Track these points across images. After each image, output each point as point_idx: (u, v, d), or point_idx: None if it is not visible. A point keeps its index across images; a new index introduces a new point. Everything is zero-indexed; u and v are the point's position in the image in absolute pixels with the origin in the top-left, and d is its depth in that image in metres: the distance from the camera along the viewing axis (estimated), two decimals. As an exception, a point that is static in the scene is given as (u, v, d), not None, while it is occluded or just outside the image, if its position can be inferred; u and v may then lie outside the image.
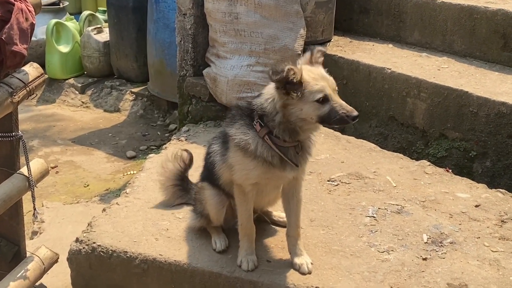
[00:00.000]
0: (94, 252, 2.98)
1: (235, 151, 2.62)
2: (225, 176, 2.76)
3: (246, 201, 2.72)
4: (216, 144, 2.80)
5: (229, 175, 2.72)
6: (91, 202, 4.63)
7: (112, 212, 3.27)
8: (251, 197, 2.72)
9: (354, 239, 3.00)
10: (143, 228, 3.11)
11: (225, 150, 2.71)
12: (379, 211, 3.23)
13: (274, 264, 2.81)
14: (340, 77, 4.59)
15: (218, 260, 2.85)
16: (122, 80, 7.00)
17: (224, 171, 2.75)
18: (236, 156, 2.63)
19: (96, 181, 5.08)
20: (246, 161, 2.59)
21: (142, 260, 2.91)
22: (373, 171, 3.67)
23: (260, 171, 2.59)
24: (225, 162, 2.70)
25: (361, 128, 4.56)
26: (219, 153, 2.74)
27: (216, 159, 2.77)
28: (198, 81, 4.84)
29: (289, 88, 2.42)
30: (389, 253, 2.88)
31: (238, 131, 2.59)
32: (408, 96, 4.24)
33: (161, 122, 6.33)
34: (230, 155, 2.66)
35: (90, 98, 6.87)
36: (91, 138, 5.95)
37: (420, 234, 3.03)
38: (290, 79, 2.40)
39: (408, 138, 4.31)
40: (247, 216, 2.76)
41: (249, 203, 2.74)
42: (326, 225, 3.12)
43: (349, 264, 2.81)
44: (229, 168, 2.69)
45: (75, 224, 4.15)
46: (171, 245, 2.97)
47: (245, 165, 2.60)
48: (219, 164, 2.75)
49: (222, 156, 2.72)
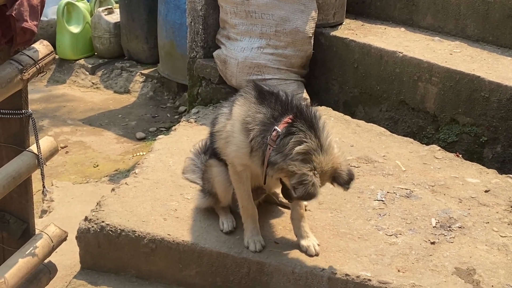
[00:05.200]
0: (103, 231, 3.00)
1: (236, 121, 2.60)
2: (220, 149, 2.74)
3: (241, 182, 2.71)
4: (222, 115, 2.79)
5: (223, 148, 2.70)
6: (100, 182, 4.65)
7: (121, 192, 3.28)
8: (245, 178, 2.71)
9: (362, 222, 2.99)
10: (151, 208, 3.12)
11: (228, 118, 2.69)
12: (387, 195, 3.22)
13: (282, 246, 2.82)
14: (351, 60, 4.56)
15: (225, 240, 2.86)
16: (132, 61, 6.98)
17: (220, 143, 2.72)
18: (234, 127, 2.61)
19: (105, 161, 5.10)
20: (241, 137, 2.58)
21: (150, 239, 2.92)
22: (383, 155, 3.66)
23: (248, 157, 2.58)
24: (223, 130, 2.68)
25: (371, 112, 4.54)
26: (224, 120, 2.74)
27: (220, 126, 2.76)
28: (208, 63, 4.82)
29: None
30: (397, 237, 2.88)
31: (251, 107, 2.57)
32: (420, 80, 4.21)
33: (171, 104, 6.33)
34: (230, 123, 2.64)
35: (100, 79, 6.86)
36: (101, 119, 5.96)
37: (429, 218, 3.02)
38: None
39: (419, 123, 4.28)
40: (246, 197, 2.75)
41: (245, 183, 2.72)
42: (334, 208, 3.12)
43: (356, 247, 2.81)
44: (224, 139, 2.66)
45: (84, 203, 4.17)
46: (179, 225, 2.98)
47: (238, 142, 2.58)
48: (219, 133, 2.74)
49: (225, 123, 2.71)
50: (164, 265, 2.93)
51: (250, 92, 2.63)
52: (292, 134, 2.43)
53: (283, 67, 4.47)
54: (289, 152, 2.41)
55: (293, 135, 2.43)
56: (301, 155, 2.39)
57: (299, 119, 2.46)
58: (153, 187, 3.33)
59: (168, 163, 3.59)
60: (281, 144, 2.43)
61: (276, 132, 2.45)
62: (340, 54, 4.66)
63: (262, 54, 4.43)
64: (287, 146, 2.42)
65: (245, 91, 2.68)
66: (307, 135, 2.42)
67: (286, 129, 2.44)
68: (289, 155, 2.41)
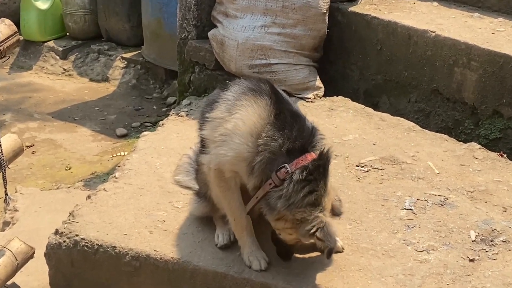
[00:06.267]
0: (77, 247, 3.00)
1: (243, 126, 2.59)
2: (208, 140, 2.74)
3: (229, 189, 2.72)
4: (224, 101, 2.75)
5: (213, 143, 2.69)
6: (74, 188, 4.66)
7: (99, 200, 3.28)
8: (234, 184, 2.72)
9: (387, 236, 2.99)
10: (135, 219, 3.13)
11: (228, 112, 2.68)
12: (417, 202, 3.22)
13: (289, 262, 2.82)
14: (374, 41, 4.56)
15: (223, 258, 2.86)
16: (111, 43, 7.00)
17: (211, 134, 2.71)
18: (238, 129, 2.60)
19: (79, 163, 5.11)
20: (244, 144, 2.58)
21: (133, 256, 2.92)
22: (412, 155, 3.66)
23: (244, 169, 2.61)
24: (222, 123, 2.66)
25: (397, 104, 4.53)
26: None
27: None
28: (202, 45, 4.82)
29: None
30: (429, 253, 2.88)
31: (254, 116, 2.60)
32: (456, 65, 4.21)
33: (158, 94, 6.34)
34: (233, 120, 2.62)
35: (73, 65, 6.88)
36: (74, 112, 5.98)
37: (467, 230, 3.02)
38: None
39: (455, 116, 4.28)
40: (237, 207, 2.75)
41: (234, 191, 2.73)
42: (353, 218, 3.12)
43: (380, 265, 2.82)
44: (219, 134, 2.65)
45: (54, 213, 4.17)
46: (168, 240, 2.98)
47: (239, 147, 2.58)
48: (214, 122, 2.72)
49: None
50: (150, 286, 2.93)
51: (268, 100, 2.63)
52: (306, 182, 2.53)
53: (292, 49, 4.47)
54: (298, 201, 2.52)
55: (306, 183, 2.53)
56: (311, 201, 2.54)
57: (317, 166, 2.55)
58: (136, 194, 3.33)
59: (155, 165, 3.60)
60: (289, 189, 2.52)
61: (285, 171, 2.53)
62: (360, 34, 4.65)
63: (266, 34, 4.43)
64: (297, 195, 2.52)
65: (260, 92, 2.68)
66: (319, 183, 2.56)
67: (300, 174, 2.53)
68: (297, 205, 2.52)
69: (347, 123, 4.06)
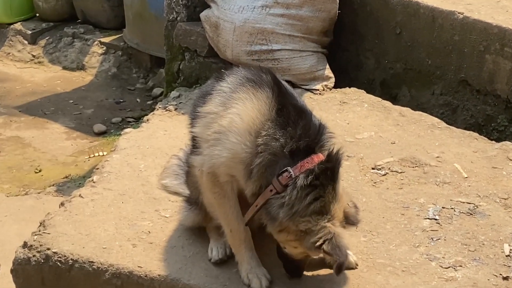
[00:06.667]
0: (49, 262, 2.99)
1: (240, 121, 2.60)
2: (200, 139, 2.75)
3: (224, 196, 2.72)
4: (219, 93, 2.76)
5: (205, 142, 2.70)
6: (45, 193, 4.66)
7: (74, 208, 3.28)
8: (231, 191, 2.72)
9: (407, 250, 3.00)
10: (115, 230, 3.13)
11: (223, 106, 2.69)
12: (443, 211, 3.22)
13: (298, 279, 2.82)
14: (392, 23, 4.56)
15: (218, 275, 2.86)
16: (88, 26, 7.00)
17: (203, 132, 2.72)
18: (235, 126, 2.60)
19: (51, 165, 5.11)
20: (241, 143, 2.58)
21: (114, 273, 2.92)
22: (436, 156, 3.66)
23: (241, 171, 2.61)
24: (215, 119, 2.67)
25: (420, 96, 4.54)
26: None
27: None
28: (193, 28, 4.83)
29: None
30: (456, 270, 2.88)
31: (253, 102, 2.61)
32: (487, 52, 4.21)
33: (142, 84, 6.35)
34: (229, 115, 2.63)
35: (43, 51, 6.88)
36: (45, 106, 5.98)
37: (500, 244, 3.03)
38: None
39: (486, 111, 4.29)
40: (234, 217, 2.75)
41: (231, 198, 2.74)
42: (369, 229, 3.12)
43: (400, 283, 2.82)
44: (213, 132, 2.66)
45: (22, 223, 4.18)
46: (154, 254, 2.98)
47: (236, 147, 2.59)
48: (207, 117, 2.73)
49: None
50: (133, 308, 2.95)
51: (269, 93, 2.65)
52: (311, 188, 2.53)
53: (298, 33, 4.47)
54: (302, 210, 2.52)
55: (312, 189, 2.53)
56: (316, 209, 2.54)
57: (325, 169, 2.55)
58: (117, 201, 3.34)
59: (139, 168, 3.60)
60: (292, 196, 2.52)
61: (288, 176, 2.53)
62: (376, 16, 4.65)
63: (268, 16, 4.44)
64: (301, 202, 2.52)
65: (260, 83, 2.69)
66: (327, 189, 2.55)
67: (305, 179, 2.53)
68: (301, 214, 2.52)
69: (361, 119, 4.07)
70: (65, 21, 7.11)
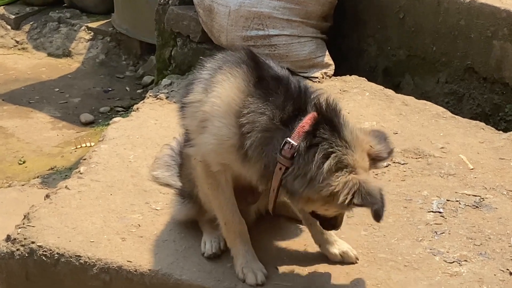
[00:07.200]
0: (33, 256, 3.00)
1: (221, 102, 2.61)
2: (189, 131, 2.77)
3: (218, 187, 2.74)
4: (199, 81, 2.78)
5: (194, 132, 2.72)
6: (29, 185, 4.66)
7: (59, 200, 3.28)
8: (225, 182, 2.74)
9: (410, 244, 3.01)
10: (104, 223, 3.13)
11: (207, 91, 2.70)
12: (447, 204, 3.23)
13: (289, 273, 2.83)
14: (396, 8, 4.56)
15: (212, 270, 2.87)
16: (74, 10, 6.98)
17: (190, 122, 2.74)
18: (216, 108, 2.61)
19: (35, 156, 5.10)
20: (225, 126, 2.59)
21: (102, 268, 2.92)
22: (441, 147, 3.67)
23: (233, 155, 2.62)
24: (199, 106, 2.69)
25: (424, 85, 4.54)
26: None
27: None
28: (185, 12, 4.82)
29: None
30: (461, 265, 2.89)
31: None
32: (495, 38, 4.22)
33: (131, 72, 6.34)
34: (210, 99, 2.64)
35: (27, 36, 6.86)
36: (29, 94, 5.97)
37: (507, 237, 3.03)
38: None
39: (494, 100, 4.29)
40: (229, 209, 2.77)
41: (226, 190, 2.75)
42: (369, 223, 3.12)
43: (402, 279, 2.82)
44: (198, 120, 2.67)
45: (5, 216, 4.19)
46: (144, 248, 2.98)
47: (220, 132, 2.60)
48: (191, 106, 2.75)
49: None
50: (122, 305, 2.95)
51: (245, 68, 2.66)
52: (314, 147, 2.52)
53: (296, 17, 4.47)
54: (317, 175, 2.50)
55: (316, 148, 2.51)
56: (333, 168, 2.51)
57: (320, 122, 2.54)
58: (106, 193, 3.34)
59: (128, 158, 3.61)
60: (301, 165, 2.51)
61: (290, 147, 2.52)
62: (378, 0, 4.65)
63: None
64: (312, 166, 2.50)
65: (236, 62, 2.71)
66: (332, 141, 2.52)
67: (304, 141, 2.52)
68: (318, 179, 2.50)
69: (362, 108, 4.07)
70: (51, 5, 7.10)
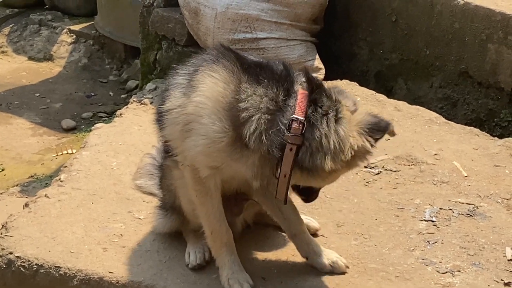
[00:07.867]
0: (11, 267, 2.99)
1: (207, 100, 2.59)
2: (171, 140, 2.75)
3: (207, 194, 2.73)
4: (175, 87, 2.76)
5: (177, 139, 2.70)
6: (8, 194, 4.65)
7: (39, 209, 3.28)
8: (214, 188, 2.73)
9: (401, 254, 3.01)
10: (84, 233, 3.13)
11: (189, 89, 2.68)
12: (440, 212, 3.24)
13: (275, 284, 2.82)
14: (388, 10, 4.57)
15: (196, 281, 2.87)
16: (56, 12, 6.98)
17: (171, 131, 2.71)
18: (202, 108, 2.59)
19: (15, 163, 5.09)
20: (215, 125, 2.57)
21: (83, 279, 2.91)
22: (434, 154, 3.68)
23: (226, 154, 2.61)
24: (180, 111, 2.66)
25: (417, 89, 4.55)
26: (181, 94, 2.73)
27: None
28: (171, 14, 4.83)
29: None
30: (454, 275, 2.90)
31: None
32: (490, 41, 4.23)
33: (115, 77, 6.34)
34: (193, 101, 2.61)
35: (7, 39, 6.86)
36: (9, 99, 5.96)
37: (502, 247, 3.04)
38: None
39: (488, 105, 4.31)
40: (216, 217, 2.77)
41: (214, 197, 2.75)
42: (360, 232, 3.13)
43: (393, 290, 2.84)
44: (181, 125, 2.64)
45: (-17, 226, 4.18)
46: (126, 259, 2.98)
47: (210, 131, 2.57)
48: (170, 114, 2.71)
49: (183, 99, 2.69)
50: (103, 318, 2.95)
51: (225, 61, 2.66)
52: (323, 117, 2.54)
53: (285, 20, 4.48)
54: (338, 143, 2.52)
55: (326, 118, 2.54)
56: (346, 130, 2.56)
57: (315, 93, 2.57)
58: (87, 202, 3.34)
59: (110, 166, 3.61)
60: (316, 137, 2.52)
61: (298, 123, 2.52)
62: (371, 2, 4.66)
63: (252, 1, 4.44)
64: (329, 135, 2.52)
65: (213, 59, 2.70)
66: (334, 106, 2.57)
67: (311, 114, 2.53)
68: (340, 147, 2.53)
69: (353, 113, 4.08)
70: (31, 7, 7.10)
